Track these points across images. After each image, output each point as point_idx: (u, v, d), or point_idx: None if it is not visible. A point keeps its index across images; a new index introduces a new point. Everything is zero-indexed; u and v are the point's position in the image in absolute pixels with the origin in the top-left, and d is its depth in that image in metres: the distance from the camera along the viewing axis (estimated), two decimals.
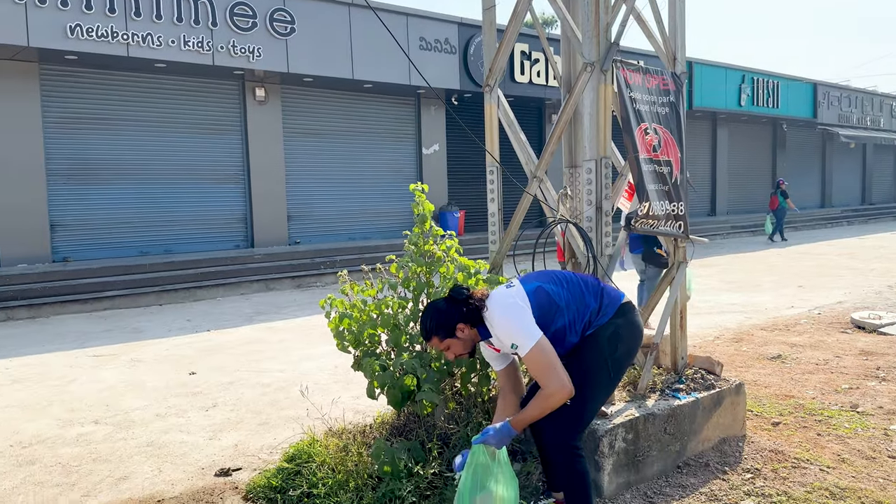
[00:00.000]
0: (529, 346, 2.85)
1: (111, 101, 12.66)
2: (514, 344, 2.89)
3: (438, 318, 3.04)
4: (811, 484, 3.73)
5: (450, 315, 3.02)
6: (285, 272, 12.89)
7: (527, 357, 2.87)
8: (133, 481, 4.20)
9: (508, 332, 2.92)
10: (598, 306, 3.06)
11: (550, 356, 2.86)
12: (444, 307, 3.06)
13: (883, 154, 32.91)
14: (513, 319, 2.91)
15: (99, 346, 8.03)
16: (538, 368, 2.87)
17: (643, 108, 4.03)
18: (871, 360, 6.31)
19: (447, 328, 3.02)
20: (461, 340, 3.04)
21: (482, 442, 2.94)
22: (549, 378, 2.84)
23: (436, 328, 3.05)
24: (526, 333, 2.87)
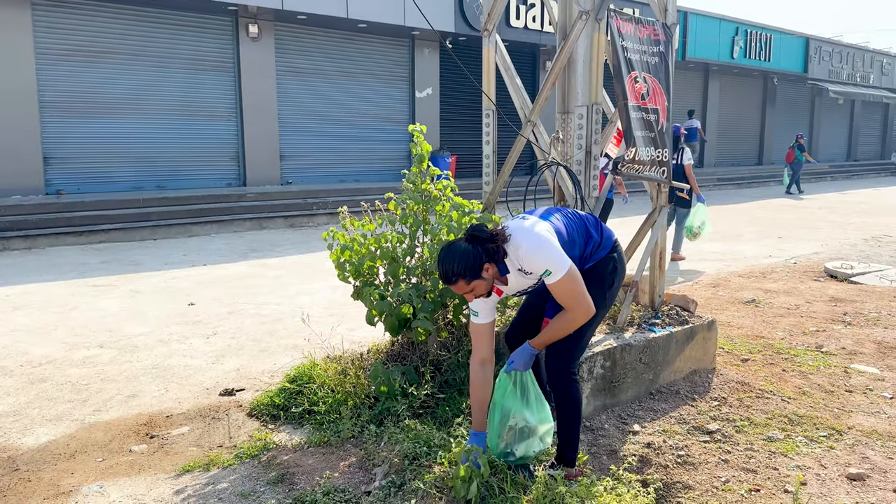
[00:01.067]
0: (563, 271, 2.92)
1: (104, 33, 12.56)
2: (549, 270, 2.92)
3: (466, 260, 2.92)
4: (772, 412, 4.06)
5: (477, 255, 2.92)
6: (278, 211, 13.05)
7: (559, 282, 2.92)
8: (141, 399, 4.47)
9: (542, 260, 2.93)
10: (600, 239, 3.22)
11: (580, 282, 2.96)
12: (470, 248, 2.93)
13: (871, 111, 33.10)
14: (545, 248, 2.95)
15: (97, 277, 8.24)
16: (570, 293, 2.95)
17: (634, 58, 4.21)
18: (839, 306, 6.65)
19: (475, 269, 2.93)
20: (486, 280, 2.98)
21: (511, 370, 3.13)
22: (578, 302, 2.96)
23: (464, 271, 2.92)
24: (560, 260, 2.93)
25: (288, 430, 3.89)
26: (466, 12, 15.94)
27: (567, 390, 3.17)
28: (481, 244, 2.94)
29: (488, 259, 2.94)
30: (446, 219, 4.20)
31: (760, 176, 24.27)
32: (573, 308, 2.99)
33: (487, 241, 2.95)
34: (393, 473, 3.23)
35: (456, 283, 2.97)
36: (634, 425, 3.82)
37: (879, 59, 30.81)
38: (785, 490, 3.20)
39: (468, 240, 2.97)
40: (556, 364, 3.19)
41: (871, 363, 5.01)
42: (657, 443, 3.60)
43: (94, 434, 3.94)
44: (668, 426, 3.82)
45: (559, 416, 3.23)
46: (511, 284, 3.12)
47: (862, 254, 9.72)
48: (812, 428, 3.87)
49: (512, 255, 2.99)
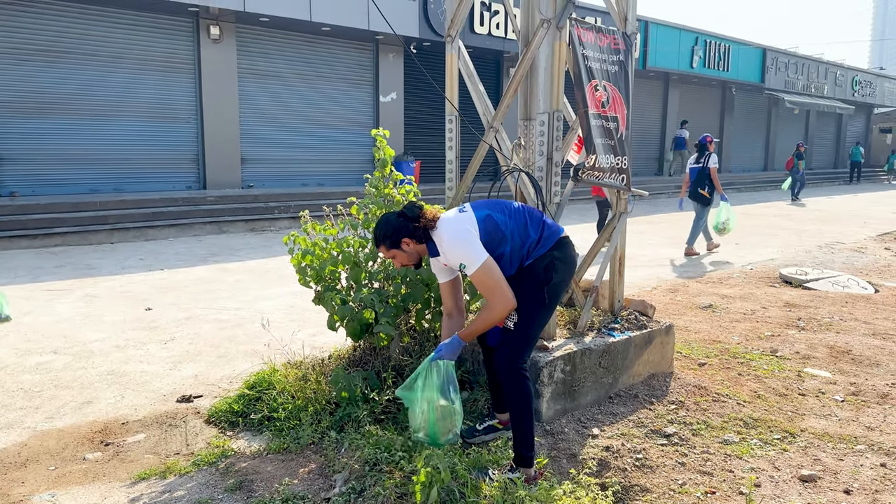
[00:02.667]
0: (476, 265, 3.09)
1: (62, 33, 12.30)
2: (463, 264, 3.13)
3: (386, 230, 3.26)
4: (728, 415, 4.14)
5: (397, 229, 3.23)
6: (238, 215, 12.90)
7: (474, 276, 3.10)
8: (96, 406, 4.37)
9: (457, 254, 3.15)
10: (539, 237, 3.29)
11: (496, 276, 3.11)
12: (393, 221, 3.25)
13: (825, 121, 34.04)
14: (462, 243, 3.14)
15: (52, 281, 8.04)
16: (485, 286, 3.12)
17: (594, 66, 4.27)
18: (793, 311, 6.81)
19: (392, 240, 3.24)
20: (406, 253, 3.27)
21: (437, 358, 3.20)
22: (494, 294, 3.10)
23: (382, 238, 3.27)
24: (474, 255, 3.10)
25: (247, 437, 3.85)
26: (431, 18, 15.98)
27: (516, 384, 3.21)
28: (405, 220, 3.24)
29: (407, 235, 3.23)
30: None
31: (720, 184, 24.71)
32: (491, 299, 3.13)
33: (412, 220, 3.23)
34: (353, 480, 3.21)
35: (378, 248, 3.35)
36: (594, 429, 3.85)
37: (833, 70, 31.70)
38: (740, 492, 3.27)
39: (398, 214, 3.29)
40: (503, 359, 3.24)
41: (824, 367, 5.14)
42: (616, 446, 3.64)
43: (47, 442, 3.84)
44: (627, 430, 3.87)
45: (511, 413, 3.29)
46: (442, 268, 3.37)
47: (816, 260, 9.98)
48: (766, 431, 3.95)
49: (437, 243, 3.25)
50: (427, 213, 3.27)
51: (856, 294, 7.64)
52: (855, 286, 8.00)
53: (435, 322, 4.29)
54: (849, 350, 5.53)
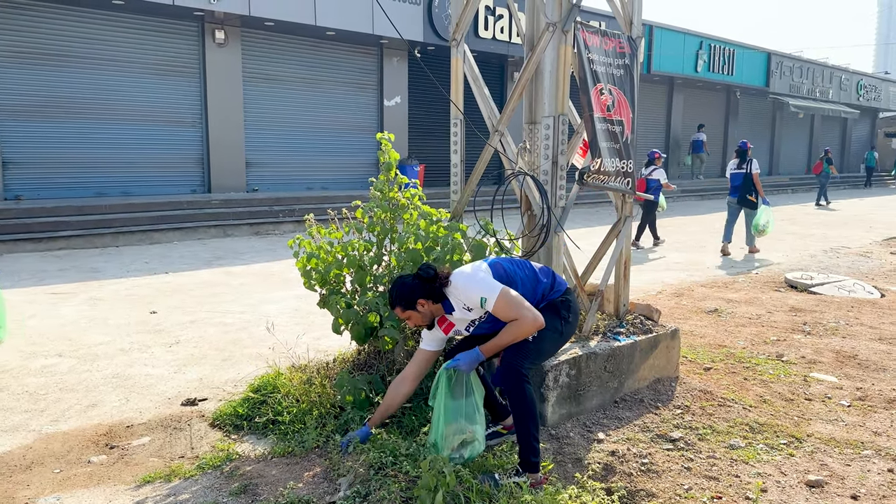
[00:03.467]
0: (496, 294, 3.20)
1: (68, 37, 12.35)
2: (484, 298, 3.22)
3: (402, 291, 3.35)
4: (734, 420, 4.12)
5: (412, 290, 3.32)
6: (243, 219, 12.92)
7: (497, 304, 3.20)
8: (101, 409, 4.37)
9: (476, 291, 3.26)
10: (551, 284, 3.46)
11: (516, 296, 3.22)
12: (409, 283, 3.35)
13: (830, 125, 33.97)
14: (476, 281, 3.29)
15: (57, 284, 8.06)
16: (509, 308, 3.20)
17: (600, 70, 4.27)
18: (799, 315, 6.79)
19: (408, 301, 3.33)
20: (421, 313, 3.36)
21: (453, 367, 3.26)
22: (521, 312, 3.19)
23: (398, 300, 3.36)
24: (490, 287, 3.23)
25: (251, 441, 3.84)
26: (435, 22, 16.00)
27: (518, 389, 3.22)
28: (421, 282, 3.33)
29: (423, 296, 3.32)
30: (414, 227, 4.19)
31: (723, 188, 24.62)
32: (518, 318, 3.20)
33: (428, 280, 3.32)
34: (358, 484, 3.20)
35: (394, 309, 3.42)
36: (599, 433, 3.84)
37: (838, 74, 31.65)
38: (746, 497, 3.25)
39: (414, 276, 3.39)
40: (508, 362, 3.27)
41: (830, 372, 5.12)
42: (621, 451, 3.63)
43: (52, 445, 3.84)
44: (633, 434, 3.86)
45: (515, 418, 3.29)
46: (459, 319, 3.43)
47: (821, 265, 9.95)
48: (773, 436, 3.93)
49: (454, 295, 3.34)
50: (441, 271, 3.37)
51: (861, 299, 7.61)
52: (861, 291, 7.97)
53: None
54: (855, 355, 5.51)
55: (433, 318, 3.44)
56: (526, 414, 3.22)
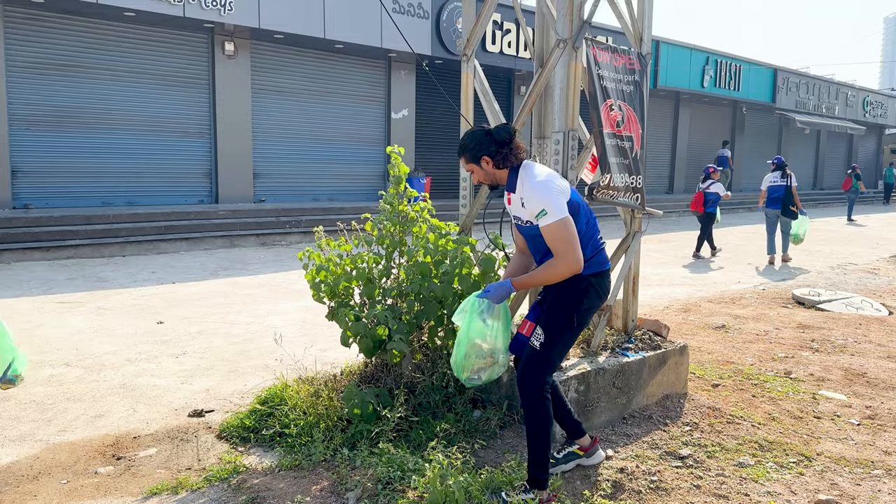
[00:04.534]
0: (558, 216, 3.00)
1: (78, 47, 12.46)
2: (544, 210, 3.02)
3: (469, 142, 3.23)
4: (743, 437, 4.10)
5: (480, 143, 3.19)
6: (250, 229, 12.96)
7: (552, 226, 3.01)
8: (108, 419, 4.37)
9: (540, 199, 3.05)
10: (591, 257, 3.22)
11: (573, 231, 3.02)
12: (479, 136, 3.21)
13: (836, 141, 33.94)
14: (549, 189, 3.07)
15: (64, 294, 8.08)
16: (560, 239, 3.01)
17: (609, 86, 4.28)
18: (807, 332, 6.76)
19: (473, 154, 3.21)
20: (483, 171, 3.23)
21: (483, 297, 3.15)
22: (567, 250, 3.00)
23: (463, 148, 3.26)
24: (558, 206, 3.02)
25: (258, 453, 3.83)
26: (443, 36, 16.09)
27: (534, 402, 3.15)
28: (490, 140, 3.18)
29: (487, 153, 3.18)
30: (423, 240, 4.20)
31: (729, 203, 24.64)
32: (561, 254, 3.02)
33: (499, 143, 3.17)
34: (366, 498, 3.19)
35: (461, 157, 3.31)
36: (608, 450, 3.82)
37: (844, 91, 31.65)
38: None
39: (486, 131, 3.22)
40: (527, 380, 3.18)
41: (839, 390, 5.09)
42: (630, 468, 3.61)
43: (59, 455, 3.84)
44: (641, 451, 3.84)
45: (527, 433, 3.21)
46: (513, 206, 3.28)
47: (829, 281, 9.91)
48: (782, 454, 3.91)
49: (519, 181, 3.18)
50: (518, 142, 3.19)
51: (869, 316, 7.58)
52: (868, 308, 7.94)
53: (448, 340, 4.28)
54: (864, 373, 5.48)
55: (496, 183, 3.28)
56: (538, 427, 3.15)
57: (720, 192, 11.98)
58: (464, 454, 3.46)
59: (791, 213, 11.49)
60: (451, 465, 3.25)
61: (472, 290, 4.05)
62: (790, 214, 11.51)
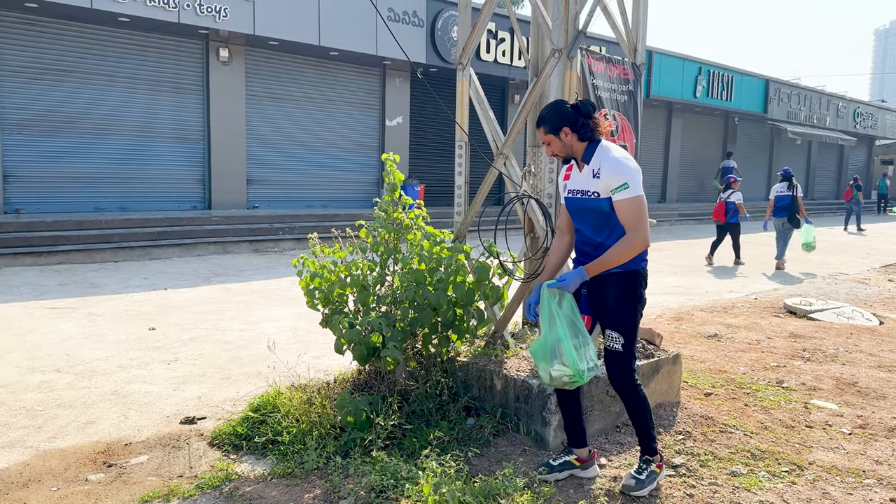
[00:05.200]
0: (637, 192, 3.14)
1: (71, 53, 12.44)
2: (626, 184, 3.13)
3: (551, 113, 3.30)
4: (735, 446, 4.11)
5: (564, 116, 3.26)
6: (243, 236, 12.93)
7: (632, 200, 3.13)
8: (99, 426, 4.35)
9: (623, 173, 3.16)
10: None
11: (646, 210, 3.18)
12: (562, 108, 3.30)
13: (827, 152, 34.16)
14: (630, 167, 3.19)
15: (55, 299, 8.04)
16: (635, 215, 3.14)
17: (604, 95, 4.30)
18: (798, 342, 6.79)
19: (554, 125, 3.27)
20: (561, 143, 3.29)
21: (557, 286, 3.23)
22: (640, 227, 3.14)
23: (545, 119, 3.31)
24: (638, 183, 3.17)
25: (251, 461, 3.82)
26: (438, 44, 16.14)
27: (635, 396, 3.41)
28: (574, 113, 3.26)
29: (569, 125, 3.25)
30: (417, 248, 4.20)
31: None
32: (635, 230, 3.14)
33: (584, 115, 3.25)
34: None
35: (539, 128, 3.36)
36: (601, 459, 3.82)
37: (835, 102, 31.89)
38: None
39: (572, 105, 3.31)
40: (619, 377, 3.40)
41: (830, 399, 5.11)
42: (623, 476, 3.60)
43: (49, 462, 3.81)
44: (634, 459, 3.83)
45: (635, 418, 3.46)
46: (579, 178, 3.34)
47: (820, 291, 9.96)
48: (774, 463, 3.92)
49: (597, 155, 3.26)
50: (600, 120, 3.30)
51: (860, 326, 7.62)
52: (859, 318, 7.97)
53: (442, 347, 4.28)
54: (855, 382, 5.50)
55: (570, 156, 3.34)
56: (644, 413, 3.43)
57: (737, 201, 12.57)
58: (457, 462, 3.45)
59: (796, 220, 12.15)
60: (445, 473, 3.25)
61: (467, 298, 4.06)
62: (794, 222, 12.17)
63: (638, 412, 3.45)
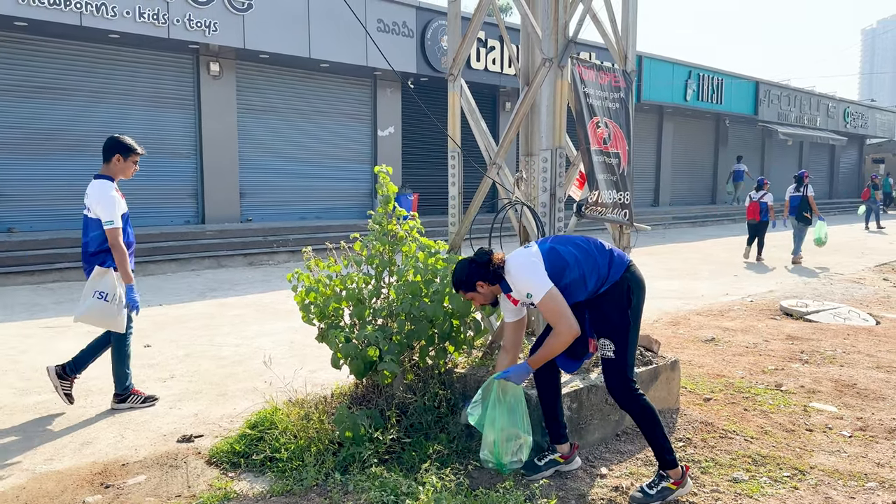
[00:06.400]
0: (542, 294, 3.31)
1: (62, 70, 12.41)
2: (529, 293, 3.35)
3: (461, 276, 3.55)
4: (736, 452, 4.10)
5: (470, 274, 3.51)
6: (237, 249, 12.89)
7: (540, 303, 3.33)
8: (96, 446, 4.31)
9: (524, 284, 3.38)
10: (608, 265, 3.48)
11: (560, 303, 3.32)
12: (466, 267, 3.54)
13: (818, 152, 34.31)
14: (528, 274, 3.38)
15: (51, 318, 7.99)
16: (550, 313, 3.33)
17: (595, 103, 4.31)
18: (796, 344, 6.79)
19: (468, 284, 3.53)
20: (482, 294, 3.54)
21: (503, 378, 3.39)
22: (559, 320, 3.31)
23: (458, 283, 3.58)
24: (539, 284, 3.33)
25: (249, 479, 3.78)
26: (428, 54, 16.17)
27: (639, 405, 3.44)
28: (477, 266, 3.52)
29: (480, 278, 3.50)
30: (412, 260, 4.19)
31: (714, 214, 24.86)
32: (557, 325, 3.33)
33: (482, 265, 3.50)
34: None
35: (458, 292, 3.66)
36: (602, 468, 3.81)
37: (825, 102, 32.05)
38: None
39: (469, 261, 3.57)
40: (619, 389, 3.46)
41: (830, 401, 5.11)
42: (625, 486, 3.59)
43: (46, 484, 3.77)
44: (635, 468, 3.82)
45: (643, 430, 3.47)
46: (515, 296, 3.54)
47: (815, 292, 9.98)
48: (775, 468, 3.91)
49: (507, 278, 3.48)
50: (495, 257, 3.51)
51: (857, 326, 7.62)
52: (856, 318, 7.98)
53: (439, 359, 4.26)
54: (854, 384, 5.50)
55: (495, 298, 3.60)
56: (651, 422, 3.44)
57: (769, 203, 13.67)
58: (457, 476, 3.43)
59: (804, 218, 13.40)
60: (445, 487, 3.22)
61: (463, 309, 4.05)
62: (803, 220, 13.40)
63: (643, 422, 3.46)
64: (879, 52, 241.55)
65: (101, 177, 5.24)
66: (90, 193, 5.02)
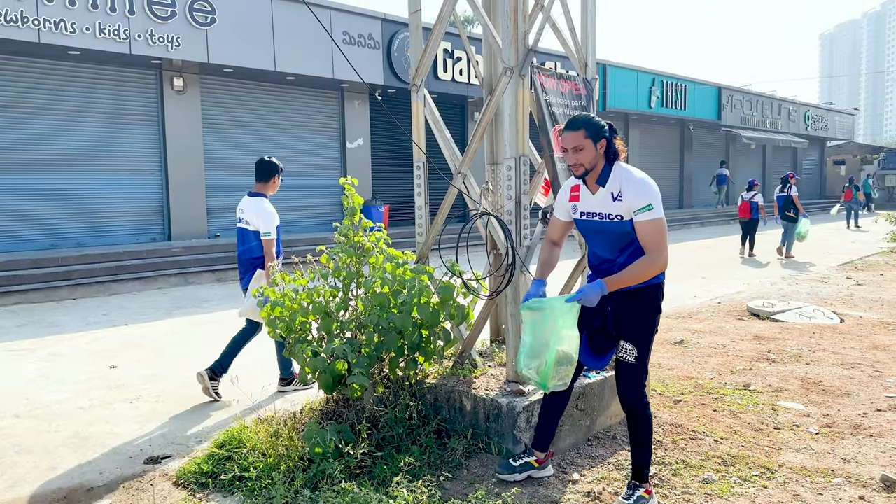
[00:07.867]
0: (660, 214, 3.18)
1: (21, 88, 12.20)
2: (650, 205, 3.16)
3: (592, 119, 3.31)
4: (706, 453, 4.13)
5: (602, 127, 3.30)
6: (205, 266, 12.73)
7: (655, 221, 3.16)
8: (60, 471, 4.21)
9: (647, 194, 3.19)
10: None
11: (666, 232, 3.20)
12: (602, 121, 3.33)
13: (781, 154, 34.99)
14: (653, 188, 3.22)
15: (13, 341, 7.81)
16: (657, 236, 3.18)
17: (557, 111, 4.34)
18: (763, 344, 6.88)
19: (597, 132, 3.27)
20: (594, 153, 3.27)
21: (577, 300, 3.22)
22: (661, 248, 3.18)
23: (586, 124, 3.29)
24: (660, 203, 3.20)
25: (217, 499, 3.72)
26: (395, 65, 16.19)
27: (644, 415, 3.38)
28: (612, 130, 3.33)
29: (609, 137, 3.29)
30: (380, 271, 4.17)
31: (682, 219, 25.19)
32: (658, 251, 3.18)
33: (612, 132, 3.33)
34: None
35: (577, 131, 3.29)
36: (574, 474, 3.81)
37: (786, 106, 32.72)
38: None
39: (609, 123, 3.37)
40: (632, 394, 3.36)
41: (797, 399, 5.18)
42: (597, 491, 3.59)
43: None
44: (607, 473, 3.83)
45: (637, 438, 3.41)
46: (592, 200, 3.35)
47: (781, 292, 10.13)
48: (745, 467, 3.94)
49: (615, 177, 3.27)
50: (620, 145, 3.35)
51: (822, 324, 7.75)
52: (821, 316, 8.12)
53: (409, 370, 4.24)
54: (819, 381, 5.59)
55: (592, 168, 3.29)
56: (647, 434, 3.40)
57: (759, 202, 14.93)
58: (429, 488, 3.41)
59: (787, 217, 14.55)
60: (417, 499, 3.20)
61: (432, 319, 4.03)
62: (786, 218, 14.58)
63: (642, 433, 3.41)
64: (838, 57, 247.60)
65: (257, 194, 5.93)
66: (247, 209, 5.80)
